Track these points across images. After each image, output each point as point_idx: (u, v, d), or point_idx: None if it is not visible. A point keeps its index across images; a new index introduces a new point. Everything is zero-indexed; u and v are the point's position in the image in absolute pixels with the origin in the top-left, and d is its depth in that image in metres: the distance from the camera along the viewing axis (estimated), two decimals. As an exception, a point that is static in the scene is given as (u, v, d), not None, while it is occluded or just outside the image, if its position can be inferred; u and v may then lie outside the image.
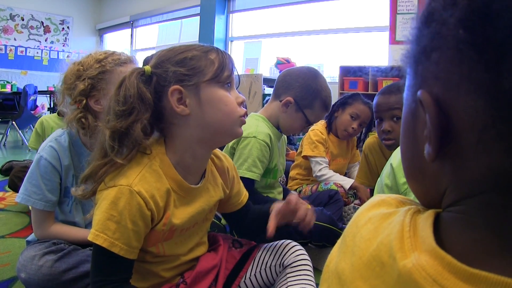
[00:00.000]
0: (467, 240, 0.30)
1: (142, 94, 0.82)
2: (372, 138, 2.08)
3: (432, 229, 0.31)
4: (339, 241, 0.40)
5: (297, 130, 1.58)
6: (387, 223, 0.35)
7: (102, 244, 0.78)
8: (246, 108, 2.63)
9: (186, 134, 0.88)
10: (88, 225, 1.30)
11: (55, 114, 2.39)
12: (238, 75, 0.95)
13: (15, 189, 2.22)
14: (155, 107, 0.85)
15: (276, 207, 1.03)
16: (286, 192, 1.79)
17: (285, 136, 1.65)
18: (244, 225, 1.15)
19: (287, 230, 1.42)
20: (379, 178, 1.38)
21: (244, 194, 1.13)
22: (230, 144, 1.47)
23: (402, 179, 1.26)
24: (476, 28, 0.27)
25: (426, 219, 0.33)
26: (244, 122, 0.93)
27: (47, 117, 2.42)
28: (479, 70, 0.27)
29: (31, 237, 1.32)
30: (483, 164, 0.29)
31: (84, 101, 1.18)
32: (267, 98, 3.91)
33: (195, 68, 0.85)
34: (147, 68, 0.86)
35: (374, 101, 1.71)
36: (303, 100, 1.48)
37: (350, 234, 0.38)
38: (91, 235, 0.79)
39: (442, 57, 0.31)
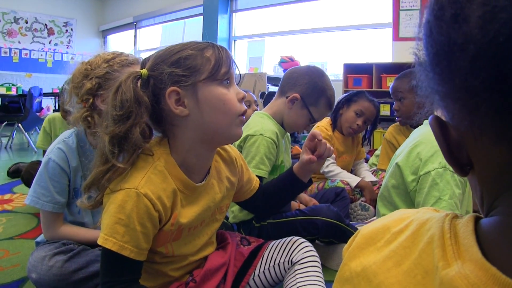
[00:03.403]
0: (508, 246, 0.29)
1: (139, 98, 0.81)
2: (393, 125, 2.24)
3: (475, 237, 0.30)
4: (360, 241, 0.40)
5: (301, 127, 1.58)
6: (425, 229, 0.34)
7: (111, 248, 0.78)
8: (257, 106, 2.62)
9: (188, 135, 0.88)
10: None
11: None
12: (238, 70, 0.93)
13: (28, 184, 2.19)
14: (154, 109, 0.85)
15: (303, 146, 1.13)
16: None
17: (288, 134, 1.66)
18: (266, 203, 1.16)
19: (294, 226, 1.43)
20: (383, 181, 1.37)
21: (256, 180, 1.15)
22: (237, 142, 1.47)
23: (410, 176, 1.23)
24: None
25: (466, 225, 0.32)
26: (243, 122, 0.91)
27: (54, 115, 2.42)
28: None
29: (40, 238, 1.33)
30: (490, 160, 0.30)
31: (91, 100, 1.18)
32: (263, 93, 3.92)
33: (191, 68, 0.84)
34: (144, 71, 0.85)
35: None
36: (309, 97, 1.49)
37: (381, 237, 0.38)
38: (101, 239, 0.79)
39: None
